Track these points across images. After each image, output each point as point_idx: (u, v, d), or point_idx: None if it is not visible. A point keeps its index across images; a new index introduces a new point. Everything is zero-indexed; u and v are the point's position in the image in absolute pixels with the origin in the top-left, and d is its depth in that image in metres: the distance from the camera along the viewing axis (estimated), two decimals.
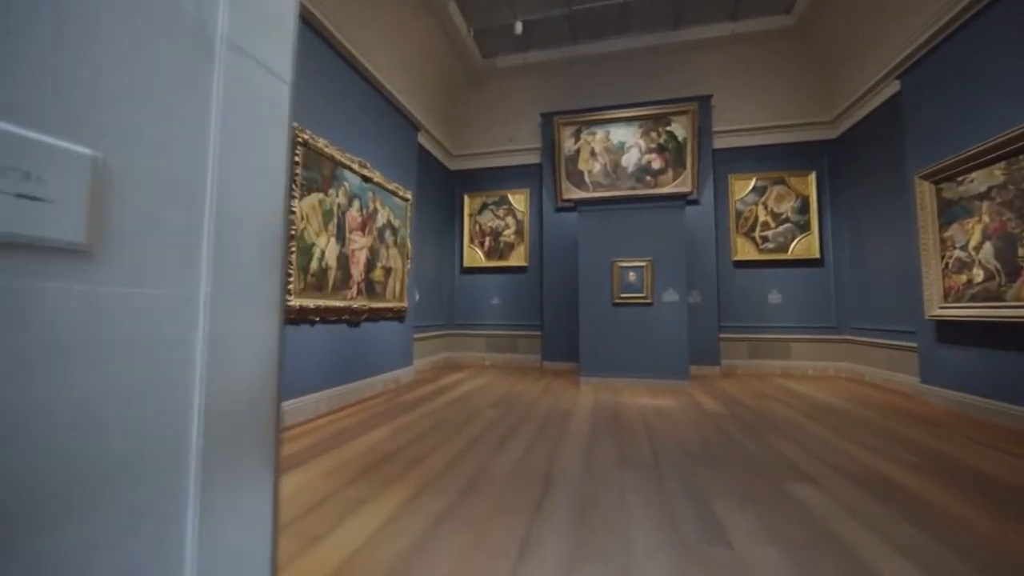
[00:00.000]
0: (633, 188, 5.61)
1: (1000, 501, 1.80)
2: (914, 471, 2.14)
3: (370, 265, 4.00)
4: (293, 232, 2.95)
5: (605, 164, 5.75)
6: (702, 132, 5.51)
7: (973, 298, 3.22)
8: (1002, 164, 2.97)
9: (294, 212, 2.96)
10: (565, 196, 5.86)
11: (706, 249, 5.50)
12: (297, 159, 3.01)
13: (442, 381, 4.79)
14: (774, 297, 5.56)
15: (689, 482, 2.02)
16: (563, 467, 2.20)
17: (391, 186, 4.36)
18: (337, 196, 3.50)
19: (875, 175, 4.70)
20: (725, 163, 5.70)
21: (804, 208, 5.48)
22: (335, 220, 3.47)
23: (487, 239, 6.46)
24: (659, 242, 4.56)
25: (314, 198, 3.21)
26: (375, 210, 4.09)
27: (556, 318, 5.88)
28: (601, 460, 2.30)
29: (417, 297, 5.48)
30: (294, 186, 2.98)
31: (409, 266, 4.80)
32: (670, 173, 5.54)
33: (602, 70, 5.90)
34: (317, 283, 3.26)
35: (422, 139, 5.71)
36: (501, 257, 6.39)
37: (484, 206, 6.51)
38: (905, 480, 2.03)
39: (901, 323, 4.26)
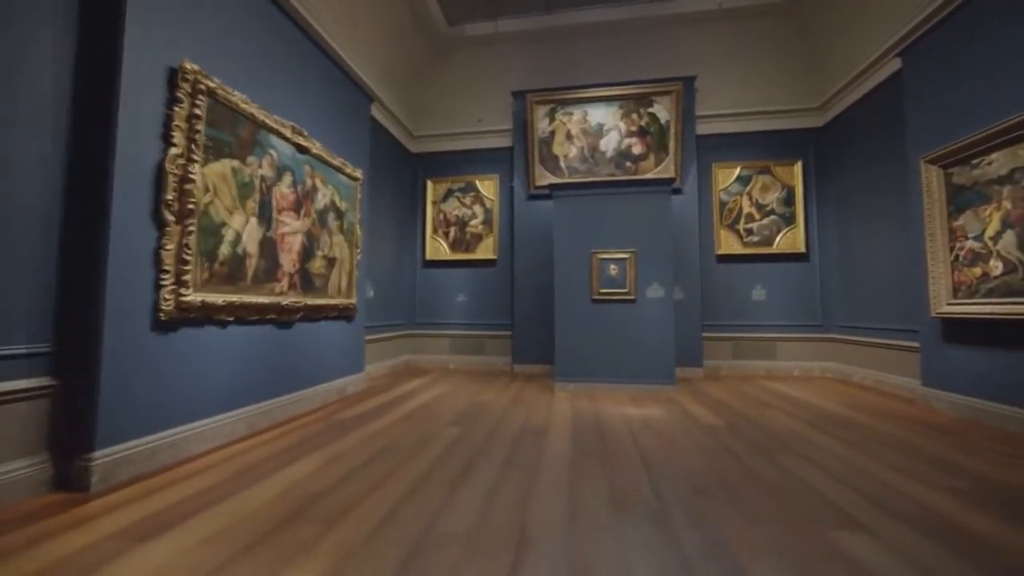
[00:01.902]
0: (612, 175, 5.15)
1: None
2: (966, 502, 1.72)
3: (307, 253, 3.33)
4: (192, 206, 2.27)
5: (582, 148, 5.26)
6: (686, 116, 5.11)
7: (990, 293, 2.91)
8: None
9: (192, 180, 2.27)
10: (539, 182, 5.33)
11: (689, 242, 5.11)
12: (198, 111, 2.32)
13: (398, 389, 4.16)
14: (758, 293, 5.23)
15: (710, 533, 1.51)
16: (541, 516, 1.65)
17: (336, 161, 3.69)
18: (260, 166, 2.81)
19: (867, 163, 4.41)
20: (709, 150, 5.32)
21: (790, 199, 5.17)
22: (257, 196, 2.78)
23: (452, 229, 5.84)
24: (643, 232, 4.10)
25: (224, 165, 2.52)
26: (314, 188, 3.42)
27: (528, 316, 5.35)
28: (590, 502, 1.77)
29: (371, 293, 4.81)
30: (194, 147, 2.29)
31: (359, 257, 4.13)
32: (651, 159, 5.10)
33: (579, 44, 5.39)
34: (229, 274, 2.57)
35: (378, 115, 5.04)
36: (467, 249, 5.79)
37: (449, 193, 5.89)
38: (963, 517, 1.60)
39: (896, 321, 3.98)
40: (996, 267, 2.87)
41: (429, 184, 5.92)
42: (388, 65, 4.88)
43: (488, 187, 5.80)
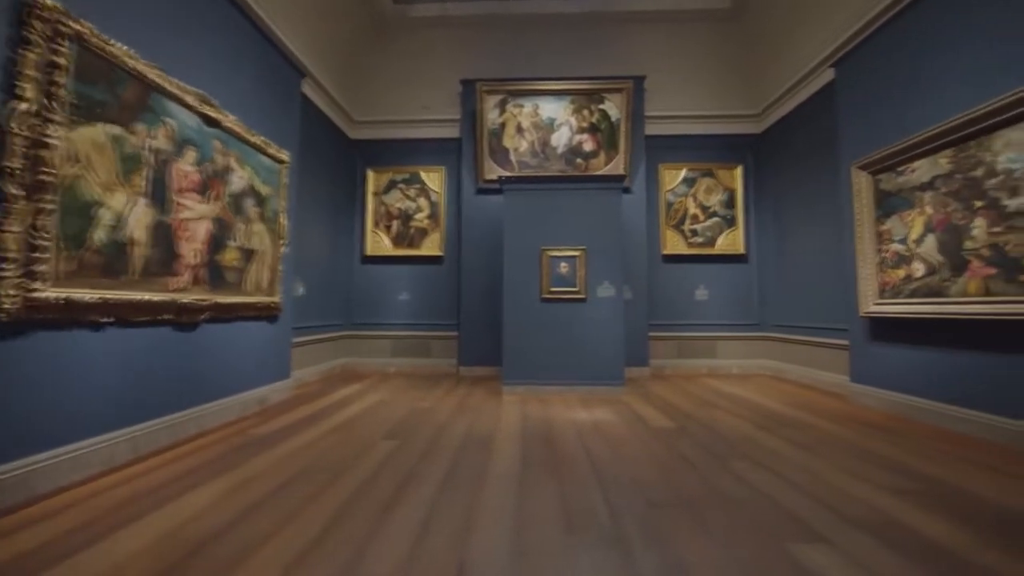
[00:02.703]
0: (563, 171, 5.03)
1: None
2: (916, 504, 1.71)
3: (217, 243, 2.86)
4: (50, 178, 1.80)
5: (533, 142, 5.10)
6: (635, 115, 5.10)
7: (913, 294, 3.07)
8: (949, 152, 2.80)
9: (49, 145, 1.80)
10: (488, 176, 5.10)
11: (637, 241, 5.11)
12: (60, 60, 1.85)
13: (330, 397, 3.75)
14: (701, 293, 5.35)
15: (668, 554, 1.36)
16: (483, 547, 1.42)
17: (256, 139, 3.24)
18: (152, 136, 2.34)
19: (802, 169, 4.61)
20: (656, 150, 5.36)
21: (731, 202, 5.33)
22: (147, 172, 2.32)
23: (395, 223, 5.46)
24: (594, 230, 4.00)
25: (99, 131, 2.05)
26: (227, 168, 2.96)
27: (476, 316, 5.11)
28: (538, 525, 1.57)
29: (301, 291, 4.35)
30: (53, 104, 1.82)
31: (285, 249, 3.68)
32: (602, 156, 5.05)
33: (532, 35, 5.22)
34: (107, 265, 2.10)
35: (313, 95, 4.57)
36: (411, 245, 5.44)
37: (392, 184, 5.50)
38: (917, 522, 1.58)
39: (828, 320, 4.17)
40: (918, 269, 3.03)
41: (370, 174, 5.50)
42: (324, 40, 4.43)
43: (434, 179, 5.48)
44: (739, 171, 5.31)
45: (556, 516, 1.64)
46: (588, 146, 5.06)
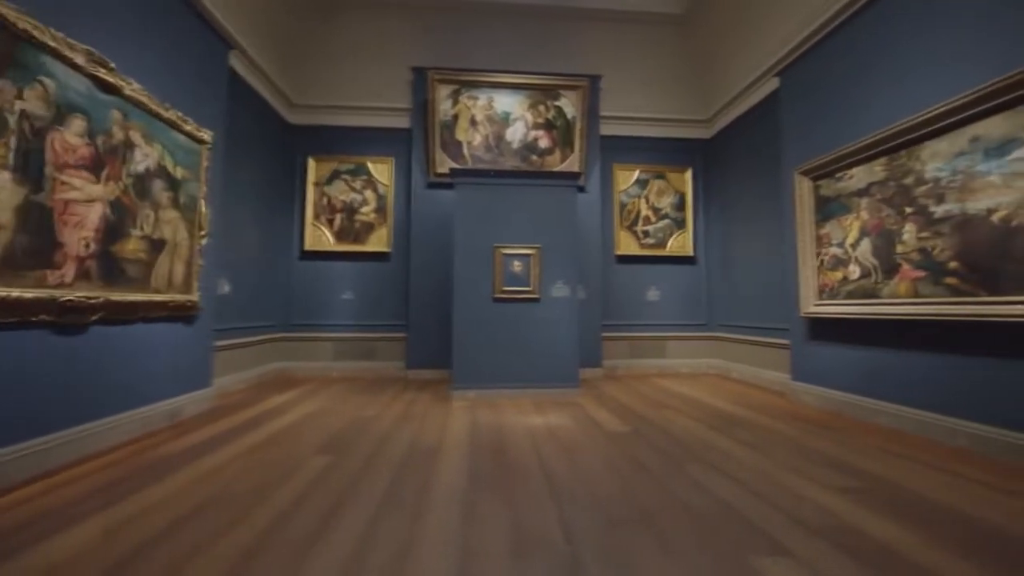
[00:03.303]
0: (518, 167, 4.89)
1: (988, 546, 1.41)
2: (862, 503, 1.71)
3: (113, 231, 2.44)
4: None
5: (487, 136, 4.92)
6: (591, 114, 5.06)
7: (849, 295, 3.21)
8: (883, 160, 2.94)
9: None
10: (439, 169, 4.86)
11: (591, 241, 5.07)
12: None
13: (258, 407, 3.37)
14: (653, 294, 5.41)
15: None
16: None
17: (169, 114, 2.82)
18: (21, 97, 1.92)
19: (748, 174, 4.77)
20: (611, 151, 5.36)
21: (681, 205, 5.44)
22: (13, 141, 1.89)
23: (338, 216, 5.08)
24: (549, 228, 3.88)
25: None
26: (129, 144, 2.53)
27: (425, 317, 4.85)
28: (487, 553, 1.39)
29: (226, 288, 3.90)
30: None
31: (206, 241, 3.25)
32: (557, 154, 4.96)
33: (488, 26, 5.04)
34: None
35: (245, 72, 4.13)
36: (356, 240, 5.08)
37: (335, 174, 5.11)
38: (867, 523, 1.56)
39: (771, 320, 4.32)
40: (854, 272, 3.17)
41: (311, 162, 5.08)
42: (258, 11, 3.99)
43: (382, 171, 5.16)
44: (689, 174, 5.43)
45: (505, 540, 1.47)
46: (544, 143, 4.96)
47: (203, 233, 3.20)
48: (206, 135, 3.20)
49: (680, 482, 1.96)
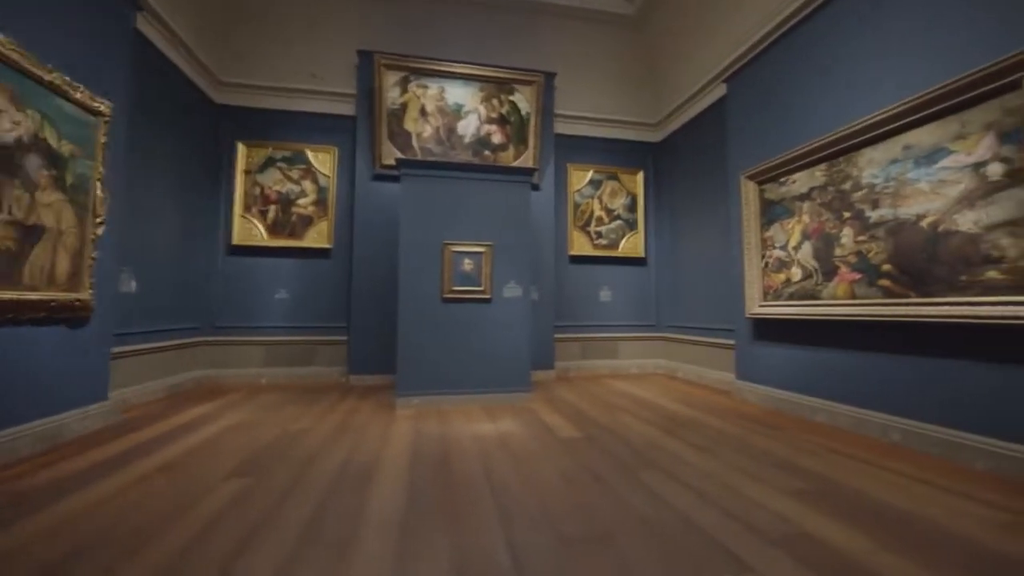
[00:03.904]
0: (470, 162, 4.69)
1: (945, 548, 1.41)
2: (814, 507, 1.69)
3: None
4: None
5: (438, 128, 4.68)
6: (545, 111, 4.97)
7: (791, 296, 3.31)
8: (823, 166, 3.04)
9: None
10: (386, 161, 4.56)
11: (545, 240, 4.98)
12: None
13: (166, 423, 2.93)
14: (605, 295, 5.41)
15: None
16: None
17: (52, 77, 2.37)
18: None
19: (696, 178, 4.87)
20: (565, 150, 5.30)
21: (633, 206, 5.48)
22: None
23: (272, 208, 4.63)
24: (502, 225, 3.72)
25: None
26: None
27: (369, 318, 4.53)
28: None
29: (133, 286, 3.40)
30: None
31: (102, 230, 2.79)
32: (511, 150, 4.82)
33: (441, 13, 4.80)
34: None
35: (161, 41, 3.66)
36: (293, 234, 4.66)
37: (270, 162, 4.66)
38: (822, 529, 1.53)
39: (717, 321, 4.42)
40: (796, 274, 3.27)
41: (241, 147, 4.59)
42: None
43: (323, 160, 4.77)
44: (640, 177, 5.48)
45: (446, 572, 1.28)
46: (497, 138, 4.80)
47: (99, 220, 2.74)
48: (104, 106, 2.74)
49: (636, 493, 1.86)
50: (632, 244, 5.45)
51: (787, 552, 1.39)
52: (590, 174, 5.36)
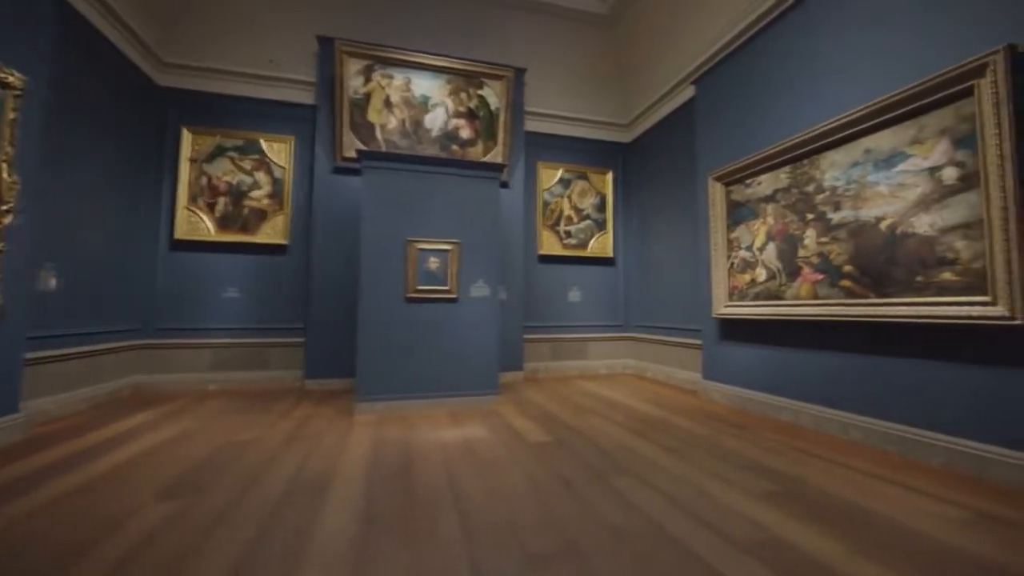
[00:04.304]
0: (437, 156, 4.53)
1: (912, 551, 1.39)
2: (785, 511, 1.66)
3: None
4: None
5: (404, 120, 4.49)
6: (515, 108, 4.87)
7: (756, 297, 3.35)
8: (788, 168, 3.09)
9: None
10: (348, 153, 4.33)
11: (514, 239, 4.88)
12: None
13: (91, 437, 2.62)
14: (574, 295, 5.37)
15: None
16: None
17: None
18: None
19: (665, 178, 4.90)
20: (535, 148, 5.23)
21: (603, 206, 5.46)
22: None
23: (222, 200, 4.30)
24: (470, 221, 3.59)
25: None
26: None
27: (328, 318, 4.28)
28: None
29: (53, 283, 3.04)
30: None
31: (12, 220, 2.45)
32: (480, 146, 4.69)
33: (407, 1, 4.61)
34: None
35: (92, 14, 3.31)
36: (245, 229, 4.34)
37: (220, 151, 4.33)
38: (795, 535, 1.49)
39: (685, 321, 4.45)
40: (761, 274, 3.31)
41: (186, 133, 4.23)
42: None
43: (279, 151, 4.48)
44: (610, 177, 5.48)
45: None
46: (466, 133, 4.66)
47: (6, 208, 2.41)
48: (15, 76, 2.41)
49: (606, 500, 1.78)
50: (601, 244, 5.44)
51: (762, 561, 1.34)
52: (560, 173, 5.31)
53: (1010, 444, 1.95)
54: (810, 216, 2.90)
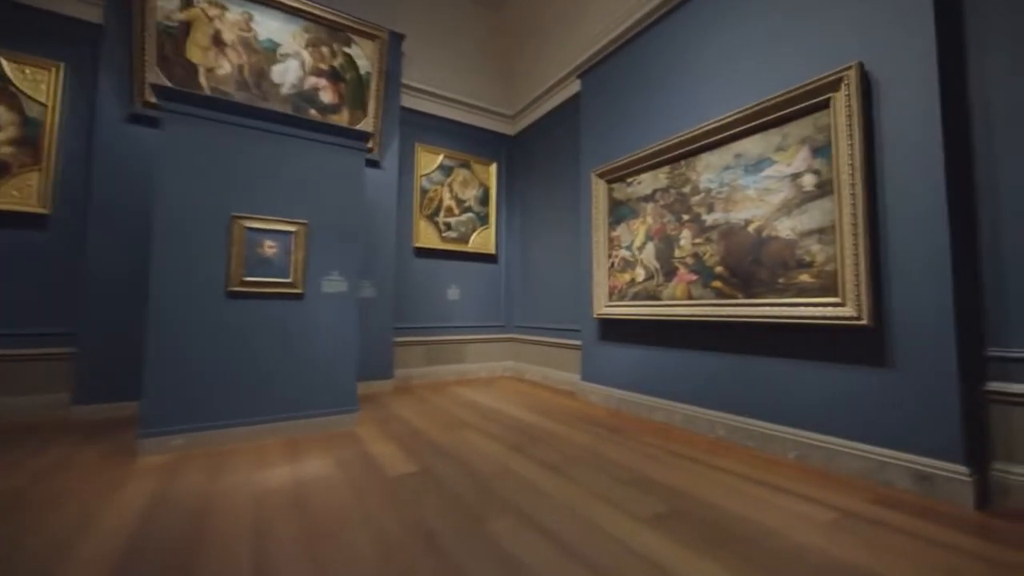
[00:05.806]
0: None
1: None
2: (679, 540, 1.46)
3: None
4: None
5: (242, 67, 3.53)
6: (390, 76, 4.23)
7: (635, 297, 3.32)
8: (667, 168, 3.09)
9: None
10: (152, 98, 3.22)
11: (385, 228, 4.24)
12: None
13: None
14: (453, 293, 4.94)
15: None
16: None
17: None
18: None
19: (549, 174, 4.76)
20: (413, 127, 4.66)
21: (485, 199, 5.13)
22: None
23: None
24: (323, 198, 2.89)
25: None
26: None
27: (113, 320, 3.12)
28: None
29: None
30: None
31: None
32: (346, 114, 3.95)
33: None
34: None
35: None
36: None
37: None
38: (694, 570, 1.28)
39: (565, 321, 4.34)
40: (640, 274, 3.29)
41: None
42: None
43: (36, 80, 3.14)
44: (494, 168, 5.17)
45: None
46: (327, 96, 3.87)
47: None
48: None
49: (480, 558, 1.37)
50: (483, 239, 5.11)
51: None
52: (441, 158, 4.82)
53: (853, 436, 2.08)
54: (686, 217, 2.93)
